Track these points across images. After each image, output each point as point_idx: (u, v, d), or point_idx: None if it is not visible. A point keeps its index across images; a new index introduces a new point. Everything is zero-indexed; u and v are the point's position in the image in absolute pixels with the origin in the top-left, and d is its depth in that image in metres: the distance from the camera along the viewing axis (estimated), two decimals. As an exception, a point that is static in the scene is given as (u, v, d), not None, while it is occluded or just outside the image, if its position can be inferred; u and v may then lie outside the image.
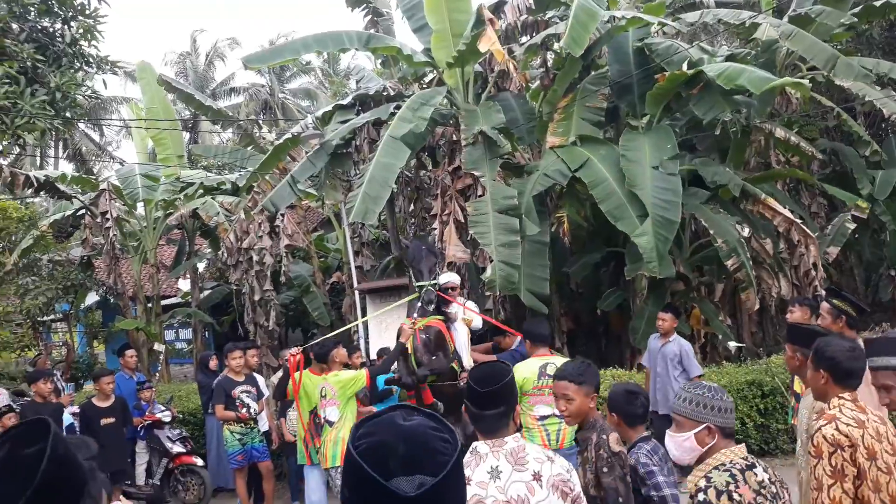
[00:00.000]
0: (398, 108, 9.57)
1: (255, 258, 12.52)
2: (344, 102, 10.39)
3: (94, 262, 14.92)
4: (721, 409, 2.73)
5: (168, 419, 8.43)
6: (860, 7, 10.87)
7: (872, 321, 13.55)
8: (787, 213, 9.38)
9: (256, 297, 12.82)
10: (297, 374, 5.66)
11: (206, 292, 15.60)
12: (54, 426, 1.34)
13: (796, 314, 6.31)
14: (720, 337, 10.67)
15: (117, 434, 7.66)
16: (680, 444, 2.80)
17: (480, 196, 9.00)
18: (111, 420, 7.56)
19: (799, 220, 9.47)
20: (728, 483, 2.58)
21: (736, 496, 2.54)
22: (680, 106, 10.12)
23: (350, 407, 5.66)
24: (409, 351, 6.46)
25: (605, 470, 3.33)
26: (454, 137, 10.10)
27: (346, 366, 6.32)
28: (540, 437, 5.32)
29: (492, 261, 8.83)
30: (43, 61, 7.65)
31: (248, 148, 13.81)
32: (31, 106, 7.08)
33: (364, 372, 5.81)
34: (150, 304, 14.29)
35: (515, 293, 8.53)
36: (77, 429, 7.49)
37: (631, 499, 3.16)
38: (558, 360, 5.54)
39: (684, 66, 9.38)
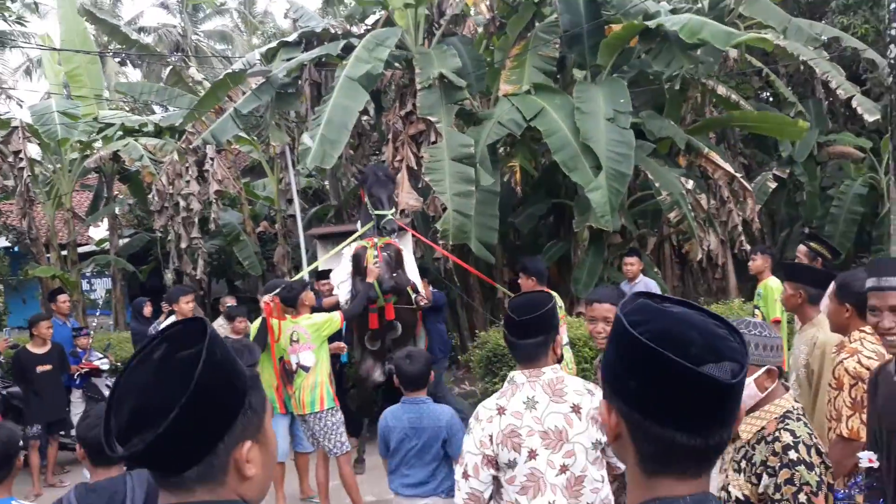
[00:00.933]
0: (347, 47, 9.24)
1: (183, 204, 11.99)
2: (289, 39, 9.92)
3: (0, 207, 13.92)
4: (775, 347, 2.44)
5: (106, 367, 7.98)
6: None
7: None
8: (727, 167, 9.69)
9: (183, 245, 12.34)
10: (274, 322, 5.43)
11: (125, 240, 14.84)
12: (211, 327, 1.18)
13: (758, 262, 6.56)
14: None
15: (55, 382, 7.22)
16: None
17: (434, 143, 8.85)
18: (48, 367, 7.11)
19: (739, 175, 9.79)
20: (810, 435, 2.34)
21: (822, 448, 2.35)
22: (625, 58, 10.20)
23: (324, 350, 5.50)
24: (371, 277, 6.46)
25: None
26: (403, 81, 9.87)
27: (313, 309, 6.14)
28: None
29: (444, 210, 8.76)
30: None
31: (177, 87, 13.04)
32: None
33: (338, 314, 5.65)
34: (64, 252, 13.49)
35: (466, 242, 8.49)
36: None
37: None
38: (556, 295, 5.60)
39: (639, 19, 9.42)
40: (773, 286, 6.42)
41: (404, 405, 3.75)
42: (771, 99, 15.28)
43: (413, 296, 6.85)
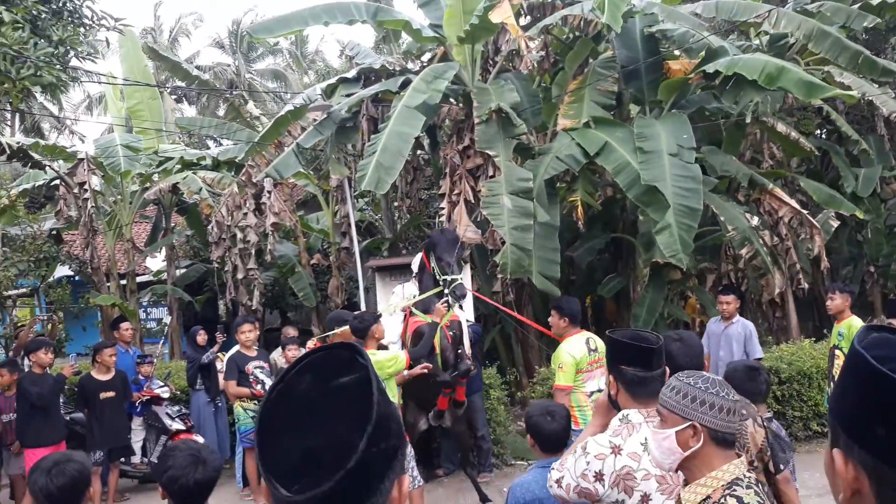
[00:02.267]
0: (405, 83, 9.36)
1: (240, 235, 12.14)
2: (348, 76, 10.10)
3: (63, 236, 14.30)
4: (715, 406, 2.10)
5: (167, 395, 8.05)
6: (858, 4, 11.03)
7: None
8: (794, 203, 9.47)
9: (240, 276, 12.45)
10: None
11: (182, 270, 15.09)
12: (364, 352, 1.09)
13: (837, 301, 6.32)
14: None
15: (118, 409, 7.30)
16: (659, 442, 2.16)
17: (492, 176, 8.85)
18: (111, 394, 7.19)
19: (805, 212, 9.55)
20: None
21: None
22: (683, 94, 10.11)
23: (390, 388, 5.41)
24: (437, 349, 6.32)
25: None
26: (460, 116, 9.93)
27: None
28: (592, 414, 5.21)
29: (503, 243, 8.70)
30: (45, 13, 7.20)
31: (235, 122, 13.34)
32: (37, 57, 6.64)
33: (404, 354, 5.53)
34: (123, 281, 13.76)
35: (527, 276, 8.40)
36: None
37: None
38: (594, 336, 5.45)
39: (701, 54, 9.36)
40: (857, 325, 6.18)
41: (544, 470, 3.12)
42: (831, 136, 14.98)
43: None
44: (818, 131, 15.07)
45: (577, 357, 5.10)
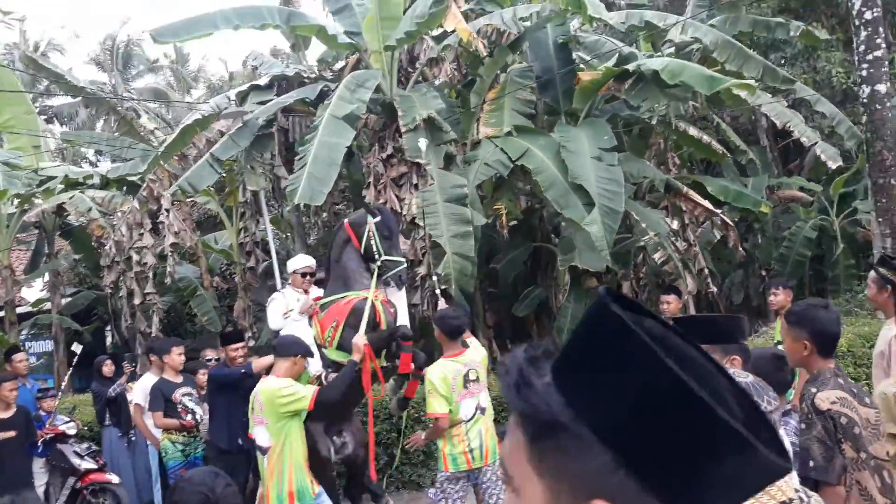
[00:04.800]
0: (324, 91, 9.03)
1: (136, 258, 11.29)
2: (260, 83, 9.62)
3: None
4: None
5: (73, 431, 7.22)
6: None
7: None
8: (707, 204, 9.79)
9: (137, 301, 11.55)
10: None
11: (67, 299, 13.88)
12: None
13: (780, 297, 6.45)
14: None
15: (19, 451, 6.42)
16: None
17: (415, 185, 8.63)
18: (11, 434, 6.32)
19: (719, 212, 9.90)
20: None
21: None
22: (597, 103, 10.31)
23: (287, 431, 4.59)
24: (382, 324, 5.82)
25: (803, 426, 3.00)
26: (377, 125, 9.66)
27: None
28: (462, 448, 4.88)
29: (424, 254, 8.48)
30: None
31: (127, 136, 12.43)
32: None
33: (309, 390, 4.65)
34: (0, 313, 12.49)
35: (467, 287, 8.20)
36: None
37: (831, 466, 2.76)
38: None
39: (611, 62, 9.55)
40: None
41: None
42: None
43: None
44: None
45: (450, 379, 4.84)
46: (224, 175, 9.22)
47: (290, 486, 4.43)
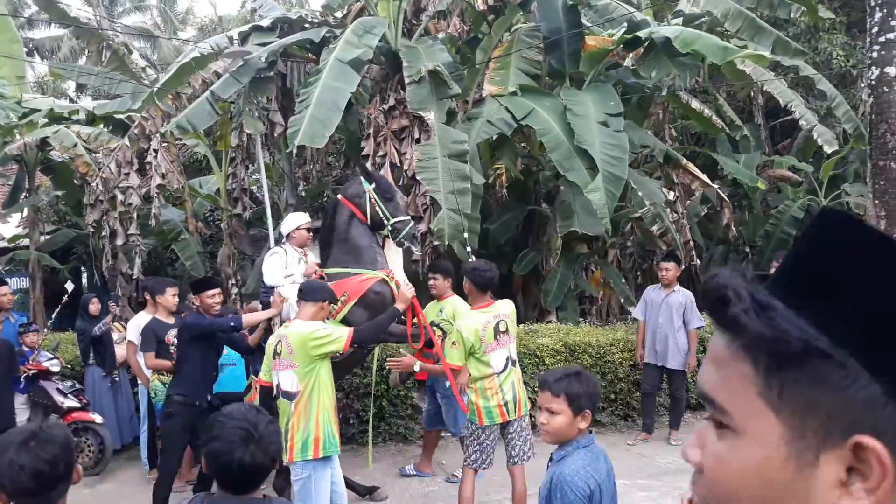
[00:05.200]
0: (327, 36, 8.77)
1: (121, 198, 11.01)
2: (263, 24, 9.30)
3: None
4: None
5: (57, 368, 7.08)
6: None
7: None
8: (704, 177, 9.75)
9: (119, 242, 11.30)
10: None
11: (45, 237, 13.55)
12: None
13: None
14: (622, 300, 10.95)
15: (2, 385, 6.25)
16: None
17: (417, 140, 8.47)
18: (-6, 368, 6.19)
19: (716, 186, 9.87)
20: None
21: None
22: (604, 67, 10.16)
23: (316, 375, 4.53)
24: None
25: None
26: (380, 75, 9.45)
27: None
28: (497, 402, 4.89)
29: (425, 210, 8.37)
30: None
31: (117, 71, 12.00)
32: None
33: (343, 330, 4.61)
34: (-24, 247, 12.20)
35: (461, 243, 8.09)
36: None
37: None
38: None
39: (623, 27, 9.39)
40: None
41: (588, 450, 2.75)
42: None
43: None
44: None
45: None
46: (220, 115, 8.94)
47: (317, 432, 4.34)
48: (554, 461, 2.72)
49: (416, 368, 5.10)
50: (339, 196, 5.87)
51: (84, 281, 15.79)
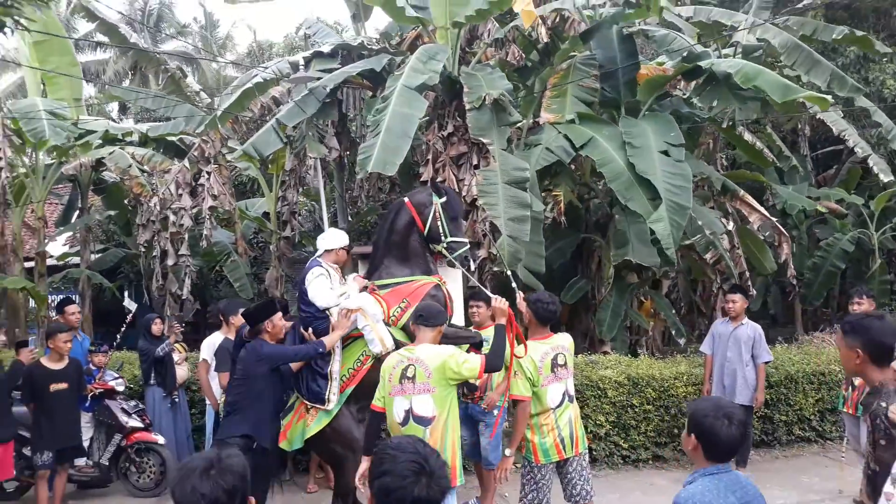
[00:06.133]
0: (390, 63, 8.87)
1: (173, 219, 11.13)
2: (324, 51, 9.40)
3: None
4: None
5: (122, 388, 7.12)
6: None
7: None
8: (763, 210, 9.63)
9: (170, 262, 11.41)
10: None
11: (96, 255, 13.75)
12: None
13: (864, 305, 6.33)
14: (674, 332, 10.80)
15: (70, 403, 6.31)
16: None
17: (476, 165, 8.49)
18: (63, 386, 6.20)
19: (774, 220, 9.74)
20: None
21: None
22: (662, 96, 10.13)
23: (453, 402, 4.44)
24: (450, 310, 5.62)
25: (882, 443, 2.94)
26: (437, 103, 9.50)
27: None
28: (553, 439, 4.76)
29: (484, 236, 8.36)
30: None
31: (172, 95, 12.22)
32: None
33: (475, 356, 4.46)
34: (29, 264, 12.37)
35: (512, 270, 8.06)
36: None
37: None
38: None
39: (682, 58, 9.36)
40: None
41: (715, 478, 2.69)
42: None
43: None
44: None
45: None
46: (285, 142, 9.02)
47: (454, 460, 4.22)
48: (683, 485, 2.73)
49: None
50: (406, 199, 5.80)
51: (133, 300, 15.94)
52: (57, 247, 15.85)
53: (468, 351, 5.03)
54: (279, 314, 5.28)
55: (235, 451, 2.01)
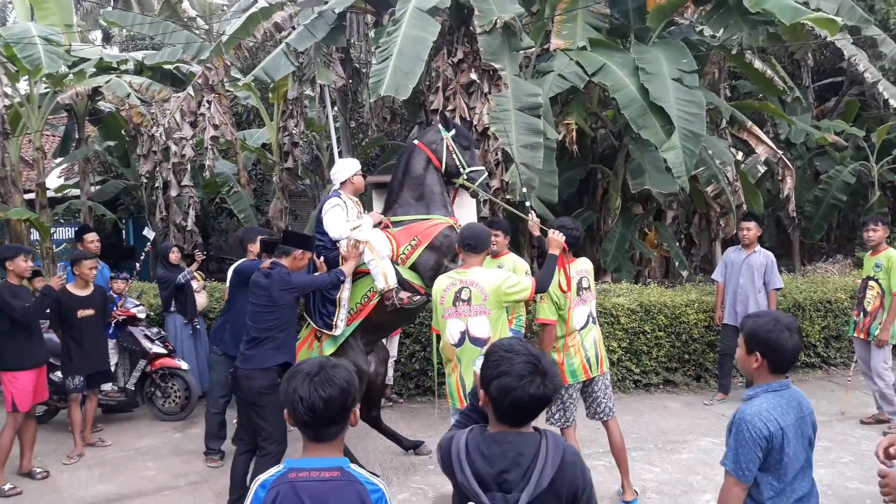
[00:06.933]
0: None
1: (174, 149, 11.01)
2: (333, -27, 9.16)
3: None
4: None
5: (143, 315, 7.19)
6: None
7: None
8: (769, 142, 9.65)
9: (173, 193, 11.36)
10: None
11: (96, 187, 13.59)
12: None
13: (879, 232, 6.45)
14: (677, 263, 10.95)
15: (97, 329, 6.38)
16: None
17: (487, 93, 8.40)
18: (90, 312, 6.27)
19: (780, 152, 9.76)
20: None
21: None
22: (672, 22, 10.00)
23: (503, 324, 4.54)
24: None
25: None
26: (445, 27, 9.33)
27: None
28: (580, 359, 4.94)
29: (497, 165, 8.34)
30: None
31: (170, 20, 11.89)
32: None
33: (528, 279, 4.55)
34: (29, 195, 12.23)
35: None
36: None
37: None
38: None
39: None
40: (895, 257, 6.35)
41: (778, 395, 2.72)
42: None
43: None
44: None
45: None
46: (296, 66, 8.86)
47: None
48: (743, 399, 2.79)
49: None
50: (416, 141, 5.80)
51: (132, 231, 15.86)
52: (52, 179, 15.66)
53: None
54: (310, 252, 5.31)
55: (344, 362, 2.07)
